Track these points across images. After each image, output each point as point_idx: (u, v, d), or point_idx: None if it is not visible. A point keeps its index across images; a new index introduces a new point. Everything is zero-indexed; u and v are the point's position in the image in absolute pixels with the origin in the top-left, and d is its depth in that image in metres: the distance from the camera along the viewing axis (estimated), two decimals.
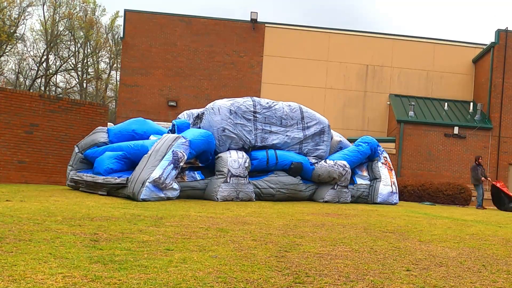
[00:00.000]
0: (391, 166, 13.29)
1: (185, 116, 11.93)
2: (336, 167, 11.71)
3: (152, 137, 11.02)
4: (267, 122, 11.45)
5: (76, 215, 5.76)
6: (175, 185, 9.18)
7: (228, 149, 10.72)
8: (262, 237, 5.09)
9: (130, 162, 10.05)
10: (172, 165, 9.01)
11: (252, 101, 11.43)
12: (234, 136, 10.72)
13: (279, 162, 11.15)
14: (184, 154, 9.30)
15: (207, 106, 11.23)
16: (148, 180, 8.64)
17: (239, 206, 8.58)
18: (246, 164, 10.39)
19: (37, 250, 3.67)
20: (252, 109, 11.26)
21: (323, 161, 11.82)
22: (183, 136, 9.54)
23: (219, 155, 10.45)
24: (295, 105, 12.16)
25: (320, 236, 5.41)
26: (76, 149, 11.06)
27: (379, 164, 12.94)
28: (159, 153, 9.05)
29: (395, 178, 13.34)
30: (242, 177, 10.16)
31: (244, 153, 10.62)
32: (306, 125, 12.06)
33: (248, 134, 11.05)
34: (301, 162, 11.36)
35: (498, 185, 16.68)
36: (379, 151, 13.13)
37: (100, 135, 11.07)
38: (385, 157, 13.20)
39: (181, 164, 9.26)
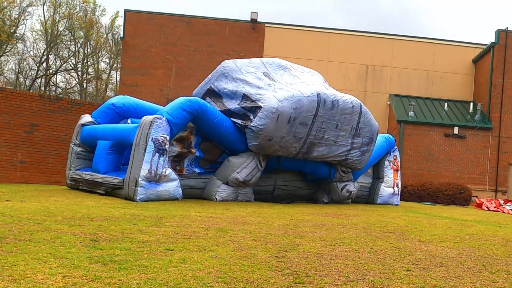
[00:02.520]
0: (399, 167, 13.26)
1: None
2: (346, 199, 11.59)
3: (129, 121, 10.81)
4: (323, 127, 10.09)
5: (76, 215, 5.76)
6: (172, 175, 8.85)
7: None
8: (262, 237, 5.09)
9: (120, 149, 9.94)
10: (157, 154, 8.57)
11: (318, 99, 9.81)
12: (277, 147, 9.73)
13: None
14: (165, 136, 8.72)
15: (265, 100, 9.50)
16: (140, 179, 8.37)
17: (239, 206, 8.57)
18: (253, 180, 9.99)
19: (37, 250, 3.67)
20: (314, 112, 9.81)
21: (345, 186, 11.29)
22: (157, 117, 8.79)
23: (230, 161, 9.83)
24: (357, 105, 10.51)
25: (320, 236, 5.41)
26: (72, 145, 10.93)
27: (386, 163, 12.90)
28: (140, 147, 8.58)
29: (400, 179, 13.32)
30: None
31: (258, 170, 9.91)
32: (359, 131, 10.69)
33: (296, 142, 9.83)
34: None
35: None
36: (392, 150, 13.15)
37: (84, 118, 10.87)
38: (395, 155, 13.16)
39: (167, 146, 8.76)
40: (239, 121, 9.81)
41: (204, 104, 9.41)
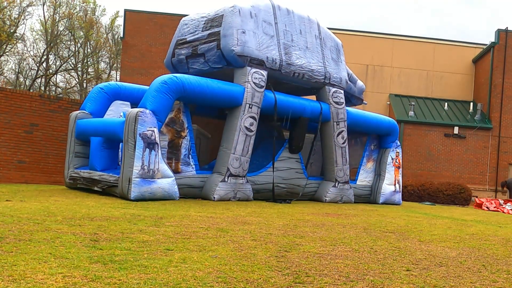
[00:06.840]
0: (400, 164, 13.32)
1: (191, 20, 10.99)
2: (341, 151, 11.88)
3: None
4: (288, 30, 10.84)
5: (76, 215, 5.76)
6: (167, 172, 8.74)
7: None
8: (262, 237, 5.09)
9: (113, 144, 9.87)
10: (147, 149, 8.44)
11: (271, 2, 10.75)
12: (258, 47, 10.10)
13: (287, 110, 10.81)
14: (152, 129, 8.53)
15: (223, 7, 10.38)
16: (133, 177, 8.28)
17: (239, 206, 8.57)
18: (247, 165, 10.16)
19: (37, 250, 3.67)
20: (272, 12, 10.65)
21: (341, 132, 11.71)
22: (141, 111, 8.54)
23: (222, 148, 9.94)
24: (313, 17, 11.58)
25: (320, 236, 5.41)
26: (68, 144, 10.81)
27: (389, 159, 12.93)
28: (129, 144, 8.45)
29: (401, 177, 13.39)
30: (240, 176, 10.04)
31: (249, 145, 10.00)
32: (324, 40, 11.58)
33: (270, 40, 10.42)
34: (308, 118, 11.19)
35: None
36: (395, 144, 13.18)
37: (74, 113, 10.77)
38: (398, 152, 13.20)
39: (157, 139, 8.58)
40: (206, 46, 10.39)
41: (181, 80, 9.15)
